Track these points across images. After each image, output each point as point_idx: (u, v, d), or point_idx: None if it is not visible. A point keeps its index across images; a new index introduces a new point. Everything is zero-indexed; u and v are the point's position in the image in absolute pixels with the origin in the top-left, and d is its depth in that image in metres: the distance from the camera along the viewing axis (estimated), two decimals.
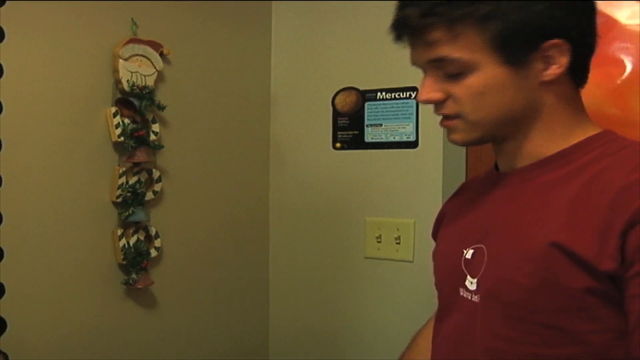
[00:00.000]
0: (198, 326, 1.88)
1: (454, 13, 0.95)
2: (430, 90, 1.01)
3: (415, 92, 1.86)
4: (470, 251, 1.06)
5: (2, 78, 1.39)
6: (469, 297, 1.04)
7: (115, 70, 1.62)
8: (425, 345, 1.31)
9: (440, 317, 1.18)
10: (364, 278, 1.96)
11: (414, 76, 1.84)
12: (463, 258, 1.07)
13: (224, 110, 1.95)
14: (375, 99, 1.94)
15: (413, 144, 1.88)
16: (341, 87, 1.99)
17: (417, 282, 1.85)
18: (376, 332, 1.94)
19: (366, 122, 1.95)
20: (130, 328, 1.70)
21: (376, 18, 1.93)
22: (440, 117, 1.05)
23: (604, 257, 0.88)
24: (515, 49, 0.95)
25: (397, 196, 1.91)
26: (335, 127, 2.00)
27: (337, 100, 2.00)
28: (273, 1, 2.11)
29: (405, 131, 1.89)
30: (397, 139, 1.90)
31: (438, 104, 1.02)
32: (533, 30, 0.95)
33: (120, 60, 1.62)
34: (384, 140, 1.93)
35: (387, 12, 1.88)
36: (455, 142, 1.06)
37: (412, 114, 1.88)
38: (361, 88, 1.96)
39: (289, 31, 2.09)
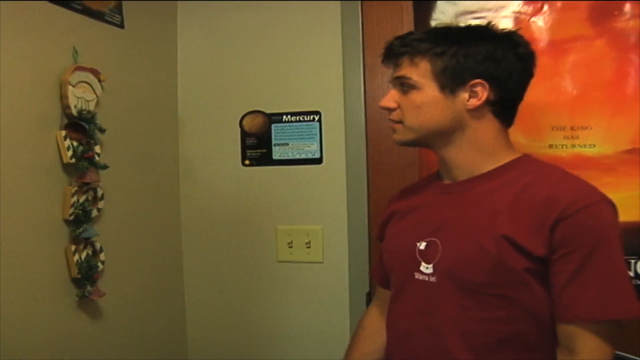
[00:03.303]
0: (131, 335, 2.03)
1: (419, 48, 1.38)
2: (389, 100, 1.42)
3: (318, 116, 2.14)
4: (424, 243, 1.40)
5: None
6: (426, 279, 1.38)
7: (65, 96, 1.71)
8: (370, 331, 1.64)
9: (395, 296, 1.50)
10: (279, 280, 2.19)
11: (317, 102, 2.14)
12: (417, 249, 1.40)
13: (138, 132, 2.08)
14: (281, 121, 2.17)
15: (318, 161, 2.14)
16: (248, 110, 2.21)
17: (327, 281, 2.12)
18: (292, 329, 2.18)
19: (273, 142, 2.18)
20: (82, 338, 1.81)
21: (281, 46, 2.17)
22: None
23: (538, 245, 1.26)
24: (449, 81, 1.36)
25: (306, 206, 2.15)
26: (244, 146, 2.22)
27: (244, 122, 2.21)
28: (178, 29, 2.28)
29: (311, 149, 2.15)
30: (303, 156, 2.16)
31: (391, 111, 1.43)
32: (465, 71, 1.35)
33: (70, 87, 1.72)
34: (290, 157, 2.17)
35: (291, 41, 2.16)
36: (395, 141, 1.46)
37: (316, 134, 2.14)
38: (267, 111, 2.19)
39: (195, 57, 2.27)
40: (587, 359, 1.23)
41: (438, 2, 2.07)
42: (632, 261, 1.89)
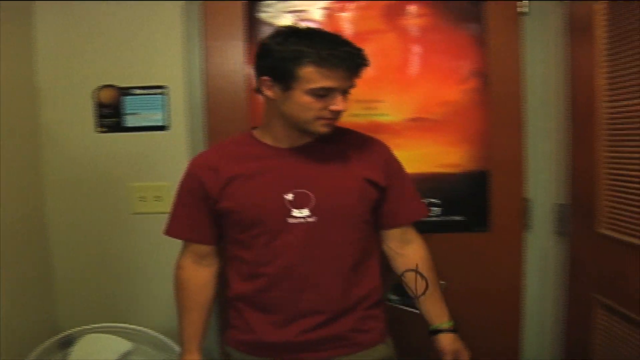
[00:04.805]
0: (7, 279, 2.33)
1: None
2: (346, 104, 1.75)
3: (164, 90, 2.53)
4: (291, 195, 1.78)
5: None
6: (302, 221, 1.76)
7: None
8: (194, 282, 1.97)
9: (268, 240, 1.79)
10: (134, 229, 2.56)
11: (163, 78, 2.51)
12: (285, 200, 1.76)
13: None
14: (131, 94, 2.54)
15: (164, 128, 2.54)
16: (102, 84, 2.54)
17: None
18: (145, 266, 2.58)
19: (125, 111, 2.55)
20: None
21: (134, 30, 2.51)
22: None
23: (382, 179, 1.84)
24: None
25: (154, 166, 2.53)
26: (99, 115, 2.55)
27: (100, 94, 2.54)
28: (36, 16, 2.55)
29: (157, 118, 2.53)
30: (151, 124, 2.53)
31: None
32: None
33: None
34: (140, 125, 2.54)
35: (143, 25, 2.50)
36: (327, 132, 1.77)
37: (161, 105, 2.53)
38: (120, 85, 2.54)
39: (54, 37, 2.55)
40: (417, 241, 1.98)
41: None
42: None
